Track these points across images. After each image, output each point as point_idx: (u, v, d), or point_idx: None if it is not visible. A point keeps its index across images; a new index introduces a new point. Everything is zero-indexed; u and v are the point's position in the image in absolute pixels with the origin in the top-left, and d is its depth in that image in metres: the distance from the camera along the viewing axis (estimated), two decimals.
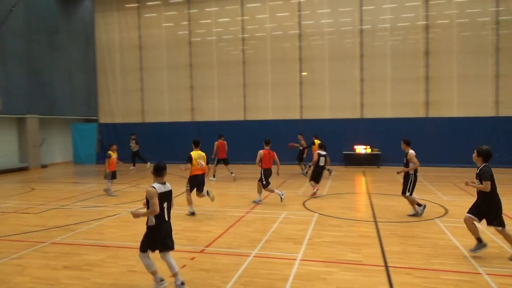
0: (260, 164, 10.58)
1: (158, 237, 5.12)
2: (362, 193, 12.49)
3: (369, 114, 19.77)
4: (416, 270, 5.75)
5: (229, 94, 21.58)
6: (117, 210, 10.15)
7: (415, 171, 8.79)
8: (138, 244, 7.09)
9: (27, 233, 8.10)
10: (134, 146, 19.77)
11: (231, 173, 15.59)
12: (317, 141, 15.48)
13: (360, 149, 19.37)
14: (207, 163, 9.55)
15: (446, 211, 9.47)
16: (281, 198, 10.35)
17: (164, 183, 5.18)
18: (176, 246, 6.84)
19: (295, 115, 20.69)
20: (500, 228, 6.14)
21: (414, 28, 19.06)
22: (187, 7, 21.99)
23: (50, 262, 6.30)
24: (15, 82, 19.74)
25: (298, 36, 20.38)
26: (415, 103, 19.18)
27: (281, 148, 20.24)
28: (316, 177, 11.62)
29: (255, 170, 17.93)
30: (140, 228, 8.27)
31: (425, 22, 18.80)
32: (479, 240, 6.20)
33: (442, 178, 15.11)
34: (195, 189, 9.37)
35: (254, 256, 6.37)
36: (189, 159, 9.14)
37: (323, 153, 11.84)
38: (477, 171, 6.18)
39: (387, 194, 11.97)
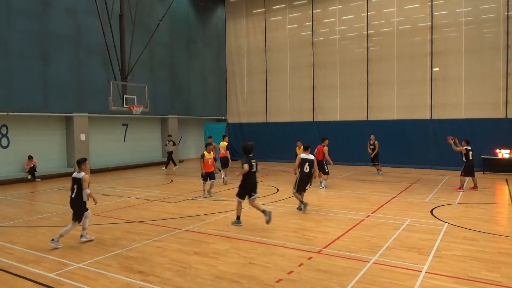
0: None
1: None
2: (503, 204, 10.90)
3: None
4: None
5: (352, 93, 21.05)
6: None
7: (300, 171, 9.65)
8: (258, 239, 7.52)
9: (166, 219, 9.26)
10: (171, 147, 20.11)
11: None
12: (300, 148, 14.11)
13: (503, 153, 16.89)
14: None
15: None
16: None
17: (79, 172, 7.25)
18: (293, 244, 7.10)
19: (424, 115, 19.10)
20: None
21: None
22: (311, 8, 22.17)
23: (184, 247, 7.09)
24: (160, 87, 22.63)
25: (429, 29, 18.76)
26: None
27: (406, 149, 19.05)
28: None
29: (374, 171, 17.23)
30: (260, 223, 8.72)
31: None
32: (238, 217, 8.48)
33: None
34: None
35: (373, 263, 6.13)
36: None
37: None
38: None
39: None
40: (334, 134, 21.21)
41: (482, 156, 17.37)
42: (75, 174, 7.34)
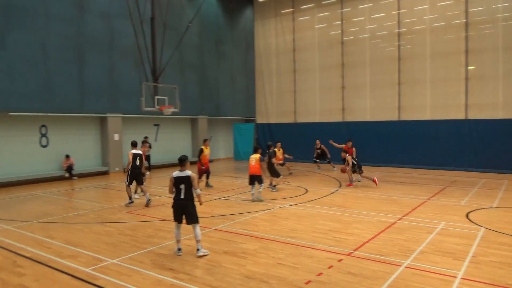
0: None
1: (175, 211, 6.77)
2: None
3: None
4: None
5: (382, 93, 20.63)
6: (270, 205, 10.86)
7: (132, 165, 10.98)
8: (287, 239, 7.51)
9: None
10: (148, 150, 18.12)
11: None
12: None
13: None
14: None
15: None
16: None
17: (183, 171, 6.74)
18: (322, 246, 7.05)
19: (458, 115, 18.44)
20: None
21: None
22: (340, 7, 21.90)
23: (214, 246, 7.19)
24: (190, 88, 23.01)
25: (464, 26, 18.11)
26: None
27: (439, 151, 18.51)
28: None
29: (410, 174, 16.82)
30: (289, 224, 8.71)
31: None
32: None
33: None
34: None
35: (406, 267, 6.00)
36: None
37: None
38: None
39: None
40: (364, 134, 20.88)
41: None
42: (178, 173, 6.74)
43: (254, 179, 11.50)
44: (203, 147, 13.56)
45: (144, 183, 11.48)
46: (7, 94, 15.00)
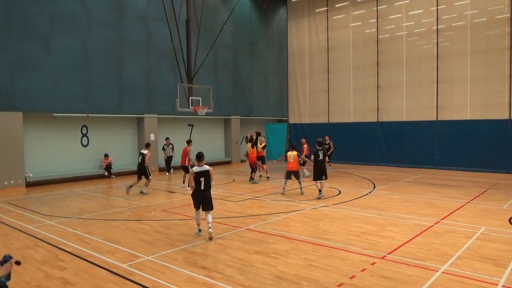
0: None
1: (197, 200, 7.79)
2: None
3: None
4: None
5: (420, 92, 19.99)
6: (302, 206, 10.81)
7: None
8: (319, 241, 7.47)
9: (228, 217, 9.52)
10: (170, 151, 19.45)
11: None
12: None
13: None
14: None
15: None
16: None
17: (202, 166, 7.72)
18: (355, 248, 6.94)
19: (501, 115, 17.57)
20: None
21: None
22: (376, 4, 21.42)
23: (245, 245, 7.24)
24: (224, 88, 23.28)
25: (508, 21, 17.23)
26: None
27: (480, 152, 17.73)
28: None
29: (448, 176, 16.22)
30: (322, 225, 8.63)
31: None
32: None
33: None
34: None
35: (443, 272, 5.80)
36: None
37: None
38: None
39: None
40: (400, 135, 20.38)
41: None
42: (198, 168, 7.70)
43: (292, 174, 12.59)
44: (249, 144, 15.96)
45: (149, 178, 13.32)
46: (52, 96, 15.80)
